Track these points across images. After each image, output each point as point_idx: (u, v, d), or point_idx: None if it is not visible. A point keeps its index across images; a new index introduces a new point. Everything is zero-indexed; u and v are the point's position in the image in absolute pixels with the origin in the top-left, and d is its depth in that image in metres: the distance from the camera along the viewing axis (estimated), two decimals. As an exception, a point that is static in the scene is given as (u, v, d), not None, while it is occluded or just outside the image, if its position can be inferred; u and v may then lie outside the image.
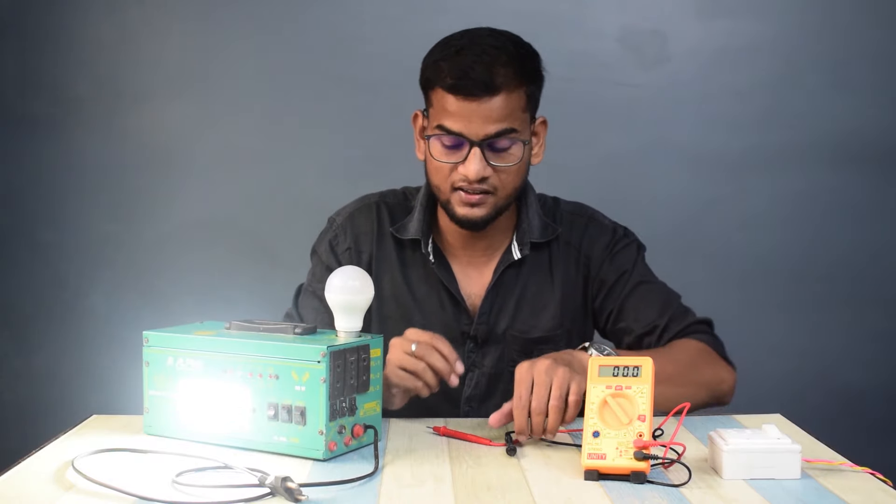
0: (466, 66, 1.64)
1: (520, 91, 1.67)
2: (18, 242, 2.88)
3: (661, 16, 2.84)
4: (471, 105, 1.64)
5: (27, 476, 1.32)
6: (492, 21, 2.25)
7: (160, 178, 2.86)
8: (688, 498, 1.23)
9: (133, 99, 2.86)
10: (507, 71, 1.65)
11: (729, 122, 2.85)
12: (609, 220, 1.87)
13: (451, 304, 1.80)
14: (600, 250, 1.82)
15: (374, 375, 1.45)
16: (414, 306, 1.81)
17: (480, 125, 1.65)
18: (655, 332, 1.76)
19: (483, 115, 1.64)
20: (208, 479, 1.30)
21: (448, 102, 1.66)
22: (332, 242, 1.85)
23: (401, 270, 1.82)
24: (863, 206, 2.86)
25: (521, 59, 1.68)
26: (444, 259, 1.82)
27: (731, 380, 1.72)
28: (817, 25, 2.84)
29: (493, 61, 1.64)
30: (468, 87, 1.63)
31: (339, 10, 2.84)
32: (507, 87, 1.65)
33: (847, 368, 2.87)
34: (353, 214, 1.87)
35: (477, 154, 1.65)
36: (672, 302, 1.79)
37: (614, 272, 1.81)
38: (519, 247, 1.79)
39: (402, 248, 1.83)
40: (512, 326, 1.80)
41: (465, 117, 1.65)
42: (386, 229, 1.83)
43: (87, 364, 2.86)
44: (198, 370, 1.45)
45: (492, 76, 1.63)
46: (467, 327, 1.80)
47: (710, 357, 1.71)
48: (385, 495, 1.25)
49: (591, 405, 1.34)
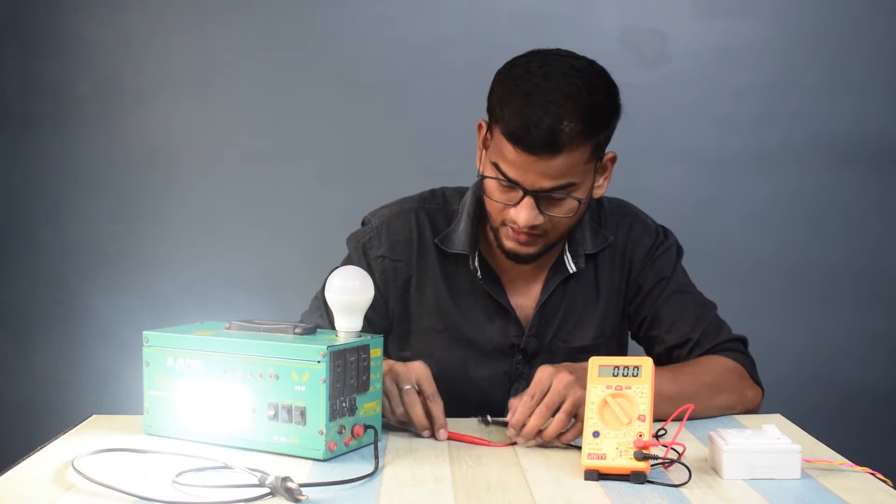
0: (532, 118, 1.52)
1: (585, 146, 1.57)
2: (18, 242, 2.88)
3: (661, 16, 2.84)
4: (529, 158, 1.54)
5: (27, 476, 1.32)
6: (492, 20, 2.25)
7: (160, 178, 2.86)
8: (688, 498, 1.23)
9: (133, 99, 2.86)
10: (575, 128, 1.53)
11: (729, 122, 2.85)
12: (651, 220, 1.83)
13: (499, 317, 1.75)
14: (643, 254, 1.78)
15: (374, 375, 1.45)
16: (459, 318, 1.75)
17: (536, 179, 1.56)
18: (687, 345, 1.72)
19: (541, 171, 1.55)
20: (208, 479, 1.30)
21: (506, 149, 1.56)
22: (366, 246, 1.78)
23: (444, 282, 1.75)
24: (862, 205, 2.86)
25: (592, 111, 1.56)
26: (492, 271, 1.76)
27: (756, 400, 1.69)
28: (816, 25, 2.84)
29: (560, 116, 1.52)
30: (529, 141, 1.53)
31: (339, 10, 2.84)
32: (571, 145, 1.54)
33: (847, 368, 2.87)
34: (390, 220, 1.78)
35: (529, 203, 1.58)
36: (706, 315, 1.75)
37: (653, 278, 1.77)
38: (573, 259, 1.73)
39: (445, 258, 1.75)
40: (557, 336, 1.76)
41: (521, 168, 1.56)
42: (427, 238, 1.76)
43: (87, 364, 2.85)
44: (198, 370, 1.45)
45: (555, 135, 1.52)
46: (517, 339, 1.75)
47: (738, 377, 1.68)
48: (385, 495, 1.25)
49: (591, 405, 1.34)
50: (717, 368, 1.67)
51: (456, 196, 1.80)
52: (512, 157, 1.56)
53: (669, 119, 2.84)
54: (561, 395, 1.44)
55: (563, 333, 1.77)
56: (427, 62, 2.83)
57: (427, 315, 1.76)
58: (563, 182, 1.57)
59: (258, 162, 2.86)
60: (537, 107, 1.53)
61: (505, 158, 1.57)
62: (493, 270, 1.76)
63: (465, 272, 1.74)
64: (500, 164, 1.58)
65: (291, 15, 2.84)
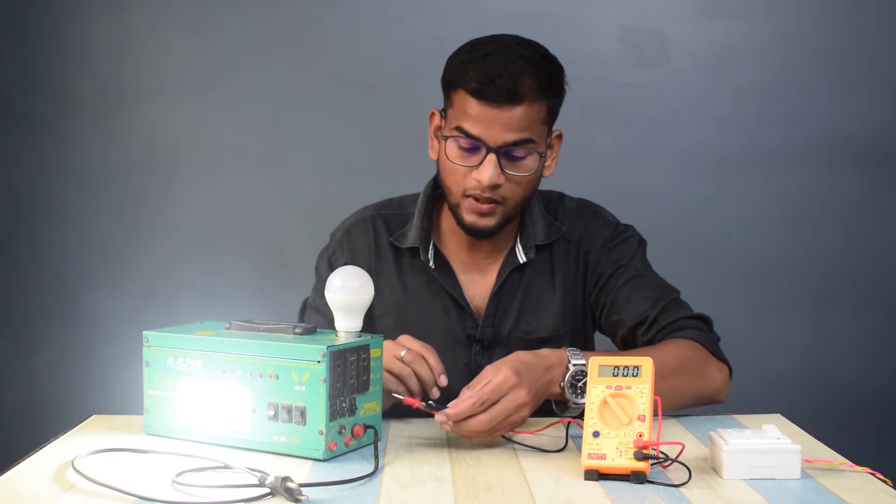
0: (493, 71, 1.64)
1: (541, 103, 1.67)
2: (19, 242, 2.88)
3: (661, 16, 2.84)
4: (493, 111, 1.64)
5: (27, 476, 1.32)
6: (491, 20, 2.26)
7: (160, 178, 2.86)
8: (688, 498, 1.24)
9: (134, 99, 2.86)
10: (532, 82, 1.65)
11: (729, 122, 2.85)
12: (613, 218, 1.87)
13: (454, 309, 1.80)
14: (599, 245, 1.82)
15: (374, 375, 1.45)
16: (416, 314, 1.80)
17: (499, 132, 1.65)
18: (646, 322, 1.74)
19: (503, 122, 1.64)
20: (208, 479, 1.30)
21: (470, 105, 1.65)
22: (331, 259, 1.85)
23: (400, 280, 1.82)
24: (862, 205, 2.86)
25: (546, 71, 1.68)
26: (446, 263, 1.81)
27: (721, 378, 1.68)
28: (817, 25, 2.84)
29: (519, 70, 1.64)
30: (492, 93, 1.63)
31: (339, 11, 2.84)
32: (531, 97, 1.65)
33: (847, 368, 2.87)
34: (349, 230, 1.86)
35: (493, 160, 1.65)
36: (666, 296, 1.77)
37: (611, 265, 1.80)
38: (524, 250, 1.79)
39: (400, 257, 1.82)
40: (516, 328, 1.80)
41: (485, 122, 1.65)
42: (383, 241, 1.83)
43: (87, 364, 2.85)
44: (198, 370, 1.45)
45: (517, 85, 1.63)
46: (473, 331, 1.80)
47: (698, 356, 1.67)
48: (385, 495, 1.25)
49: (591, 405, 1.34)
50: (676, 350, 1.66)
51: (412, 201, 1.86)
52: (475, 113, 1.64)
53: (669, 119, 2.85)
54: (499, 394, 1.44)
55: (522, 325, 1.80)
56: (427, 62, 2.82)
57: (387, 315, 1.81)
58: (523, 136, 1.65)
59: (258, 162, 2.86)
60: (498, 62, 1.64)
61: (468, 116, 1.65)
62: (447, 262, 1.81)
63: (419, 267, 1.80)
64: (463, 125, 1.66)
65: (291, 15, 2.84)
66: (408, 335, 1.59)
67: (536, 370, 1.50)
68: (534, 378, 1.48)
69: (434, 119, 1.77)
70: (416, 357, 1.54)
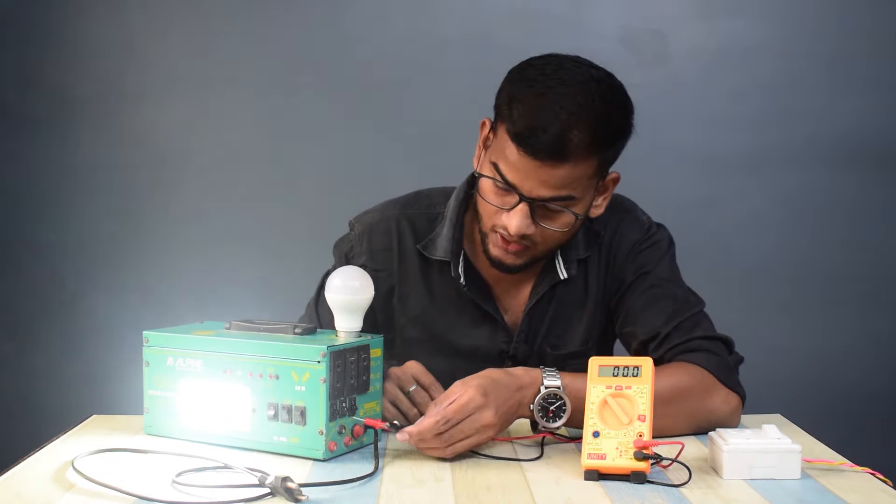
0: (540, 120, 1.47)
1: (591, 160, 1.52)
2: (18, 242, 2.88)
3: (661, 16, 2.84)
4: (532, 163, 1.49)
5: (27, 476, 1.32)
6: (491, 20, 2.25)
7: (160, 178, 2.86)
8: (688, 498, 1.23)
9: (134, 99, 2.86)
10: (584, 138, 1.48)
11: (729, 122, 2.85)
12: (646, 217, 1.75)
13: (486, 323, 1.70)
14: (627, 248, 1.70)
15: (374, 375, 1.45)
16: (444, 327, 1.71)
17: (536, 185, 1.50)
18: (657, 339, 1.62)
19: (542, 178, 1.50)
20: (208, 479, 1.30)
21: (509, 150, 1.50)
22: (348, 255, 1.74)
23: (427, 289, 1.71)
24: (862, 205, 2.86)
25: (604, 125, 1.51)
26: (479, 274, 1.70)
27: (726, 409, 1.53)
28: (817, 25, 2.84)
29: (570, 124, 1.47)
30: (534, 145, 1.47)
31: (340, 10, 2.84)
32: (577, 156, 1.49)
33: (847, 368, 2.87)
34: (371, 228, 1.74)
35: (524, 210, 1.52)
36: (684, 311, 1.63)
37: (633, 272, 1.69)
38: (565, 265, 1.68)
39: (428, 264, 1.70)
40: (546, 341, 1.71)
41: (522, 172, 1.50)
42: (408, 246, 1.70)
43: (87, 364, 2.86)
44: (198, 370, 1.45)
45: (563, 143, 1.47)
46: (506, 346, 1.71)
47: (702, 385, 1.52)
48: (385, 495, 1.25)
49: (591, 405, 1.34)
50: (679, 375, 1.52)
51: (442, 197, 1.74)
52: (514, 160, 1.50)
53: (669, 119, 2.84)
54: (464, 413, 1.37)
55: (551, 338, 1.71)
56: (427, 62, 2.83)
57: (411, 325, 1.72)
58: (562, 193, 1.52)
59: (258, 162, 2.86)
60: (548, 110, 1.47)
61: (506, 160, 1.52)
62: (480, 274, 1.70)
63: (449, 278, 1.69)
64: (499, 165, 1.53)
65: (292, 15, 2.84)
66: (417, 363, 1.53)
67: (506, 390, 1.41)
68: (502, 399, 1.40)
69: (484, 129, 1.61)
70: (425, 398, 1.49)
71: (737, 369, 1.62)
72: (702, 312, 1.67)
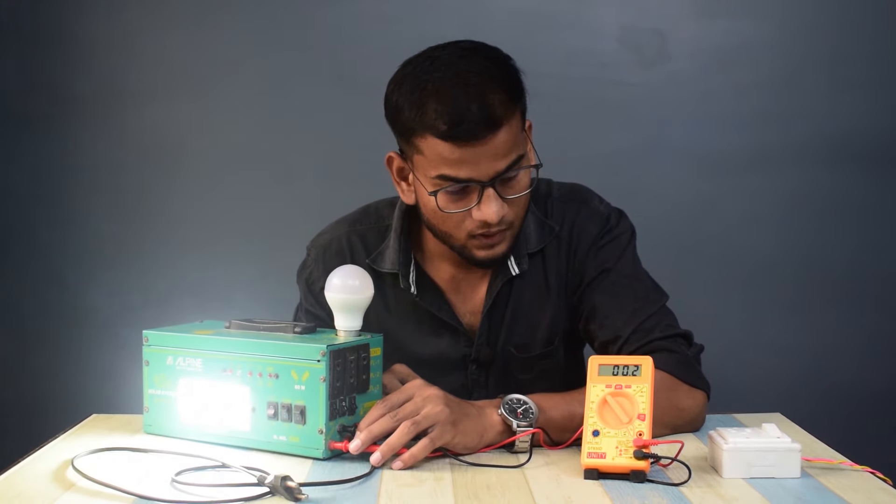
0: (458, 106, 1.46)
1: (515, 112, 1.52)
2: (18, 242, 2.87)
3: (661, 15, 2.84)
4: (475, 148, 1.48)
5: (27, 476, 1.32)
6: (491, 20, 2.25)
7: (160, 177, 2.86)
8: (688, 497, 1.24)
9: (133, 99, 2.85)
10: (501, 97, 1.48)
11: (729, 122, 2.84)
12: (604, 206, 1.72)
13: (446, 330, 1.69)
14: (587, 243, 1.68)
15: (373, 375, 1.45)
16: (405, 338, 1.69)
17: (489, 164, 1.49)
18: (617, 342, 1.60)
19: (490, 154, 1.49)
20: (208, 478, 1.30)
21: (446, 150, 1.48)
22: (308, 280, 1.74)
23: (384, 303, 1.69)
24: (862, 205, 2.86)
25: (506, 77, 1.52)
26: (431, 283, 1.69)
27: (693, 406, 1.55)
28: (816, 25, 2.84)
29: (483, 91, 1.47)
30: (468, 130, 1.46)
31: (339, 10, 2.84)
32: (505, 115, 1.49)
33: (847, 367, 2.87)
34: (324, 250, 1.73)
35: (491, 195, 1.51)
36: (645, 309, 1.62)
37: (595, 268, 1.67)
38: (516, 260, 1.66)
39: (381, 278, 1.67)
40: (509, 342, 1.70)
41: (470, 162, 1.49)
42: (360, 262, 1.67)
43: (87, 364, 2.85)
44: (197, 369, 1.45)
45: (489, 111, 1.47)
46: (468, 350, 1.70)
47: (664, 388, 1.49)
48: (385, 495, 1.25)
49: (591, 404, 1.34)
50: None
51: (390, 209, 1.72)
52: (457, 156, 1.48)
53: (669, 118, 2.84)
54: (406, 395, 1.38)
55: (514, 338, 1.69)
56: (427, 62, 2.83)
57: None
58: (513, 157, 1.52)
59: (258, 162, 2.86)
60: (458, 93, 1.47)
61: (449, 162, 1.49)
62: (432, 281, 1.69)
63: (402, 289, 1.68)
64: (445, 173, 1.50)
65: (292, 14, 2.83)
66: (404, 366, 1.53)
67: (463, 404, 1.42)
68: (457, 402, 1.40)
69: (393, 163, 1.60)
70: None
71: (698, 360, 1.62)
72: (663, 308, 1.65)
